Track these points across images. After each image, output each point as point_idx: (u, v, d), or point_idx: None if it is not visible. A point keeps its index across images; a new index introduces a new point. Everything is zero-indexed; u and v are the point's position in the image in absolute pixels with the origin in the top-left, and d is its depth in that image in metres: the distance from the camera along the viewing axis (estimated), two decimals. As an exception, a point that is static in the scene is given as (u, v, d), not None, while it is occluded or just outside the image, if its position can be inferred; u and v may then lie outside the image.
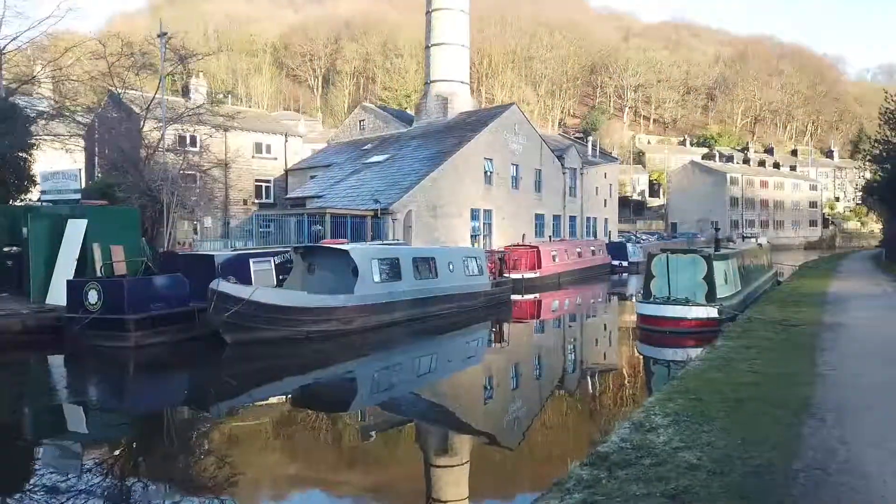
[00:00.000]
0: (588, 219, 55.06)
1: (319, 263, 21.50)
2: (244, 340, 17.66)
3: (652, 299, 21.31)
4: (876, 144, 39.43)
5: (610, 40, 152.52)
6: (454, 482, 10.04)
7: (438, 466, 10.59)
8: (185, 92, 53.46)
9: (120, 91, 31.17)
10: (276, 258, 21.57)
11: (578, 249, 44.13)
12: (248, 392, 15.36)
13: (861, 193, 56.78)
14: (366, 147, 46.62)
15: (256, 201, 51.16)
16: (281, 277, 21.46)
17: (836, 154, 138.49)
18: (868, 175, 47.14)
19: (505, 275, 31.21)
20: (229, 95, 75.14)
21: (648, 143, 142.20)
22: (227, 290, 17.10)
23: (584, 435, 12.00)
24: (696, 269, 21.23)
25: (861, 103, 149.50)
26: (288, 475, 10.32)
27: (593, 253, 46.26)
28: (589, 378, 17.14)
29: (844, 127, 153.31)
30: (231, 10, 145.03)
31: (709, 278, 21.07)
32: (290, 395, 15.17)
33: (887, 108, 36.95)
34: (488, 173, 41.59)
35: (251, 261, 20.73)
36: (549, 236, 46.86)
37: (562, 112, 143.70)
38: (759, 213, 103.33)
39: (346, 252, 20.35)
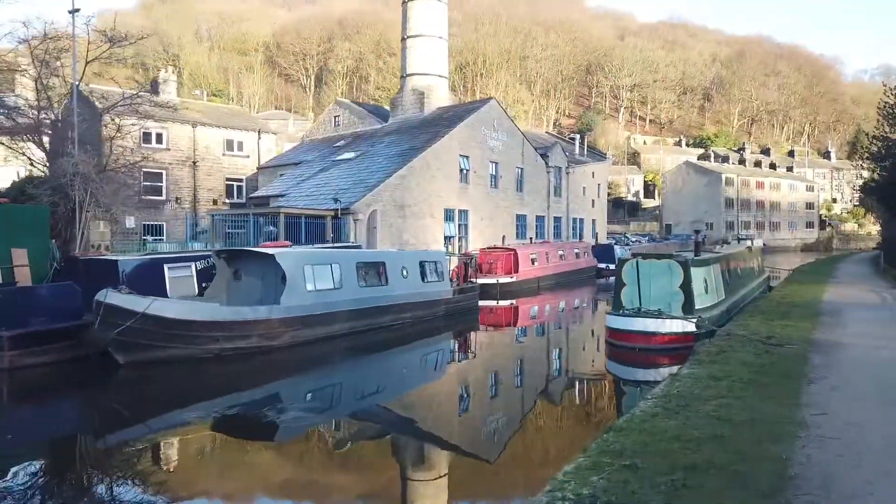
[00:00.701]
0: (574, 220, 52.42)
1: (246, 270, 18.87)
2: (141, 361, 15.04)
3: (621, 311, 18.67)
4: (874, 141, 36.77)
5: (605, 40, 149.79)
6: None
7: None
8: (154, 87, 50.82)
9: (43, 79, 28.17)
10: (198, 263, 18.91)
11: (561, 252, 41.49)
12: (143, 422, 12.82)
13: (859, 194, 54.07)
14: (338, 144, 44.01)
15: (228, 201, 48.55)
16: (204, 285, 18.82)
17: (833, 155, 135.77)
18: (865, 174, 44.44)
19: (472, 280, 28.48)
20: (203, 93, 72.31)
21: (644, 143, 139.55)
22: (117, 302, 14.48)
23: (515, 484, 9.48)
24: (671, 276, 18.61)
25: (858, 104, 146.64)
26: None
27: (577, 256, 43.61)
28: (540, 406, 14.50)
29: (842, 128, 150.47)
30: (224, 8, 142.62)
31: (686, 287, 18.44)
32: (190, 425, 12.55)
33: (886, 103, 34.29)
34: (464, 171, 38.96)
35: (166, 267, 18.10)
36: (531, 238, 44.23)
37: (557, 112, 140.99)
38: (754, 214, 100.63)
39: (271, 257, 17.70)
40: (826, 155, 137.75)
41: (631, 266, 19.06)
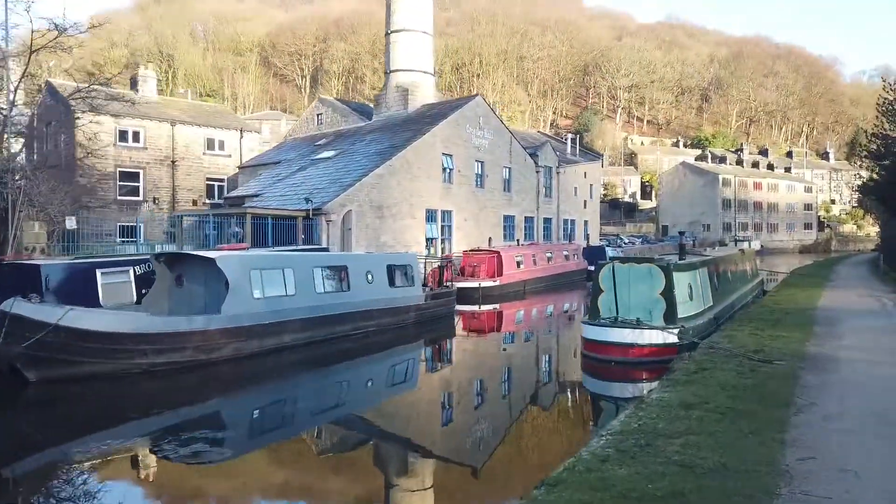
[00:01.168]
0: (565, 221, 50.75)
1: (189, 275, 17.21)
2: (55, 377, 13.40)
3: (597, 320, 17.00)
4: (873, 139, 35.12)
5: (603, 40, 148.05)
6: None
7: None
8: (133, 84, 49.24)
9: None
10: (137, 268, 17.25)
11: (549, 254, 39.83)
12: (51, 447, 11.23)
13: (858, 194, 52.38)
14: (319, 142, 42.35)
15: (208, 201, 46.91)
16: (144, 292, 17.16)
17: (831, 156, 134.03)
18: (864, 174, 42.73)
19: (448, 284, 26.78)
20: (188, 92, 70.68)
21: (642, 144, 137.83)
22: (24, 312, 12.85)
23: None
24: (651, 282, 16.94)
25: (857, 105, 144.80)
26: None
27: (567, 258, 41.94)
28: (504, 428, 12.83)
29: (840, 129, 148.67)
30: (219, 8, 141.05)
31: (668, 293, 16.78)
32: (104, 449, 10.89)
33: (886, 99, 32.63)
34: (447, 170, 37.29)
35: (99, 272, 16.44)
36: (518, 240, 42.56)
37: (554, 113, 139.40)
38: (752, 215, 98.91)
39: (212, 261, 16.03)
40: (824, 156, 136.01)
41: (608, 271, 17.39)
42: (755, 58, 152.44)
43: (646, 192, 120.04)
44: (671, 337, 16.15)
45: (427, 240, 35.82)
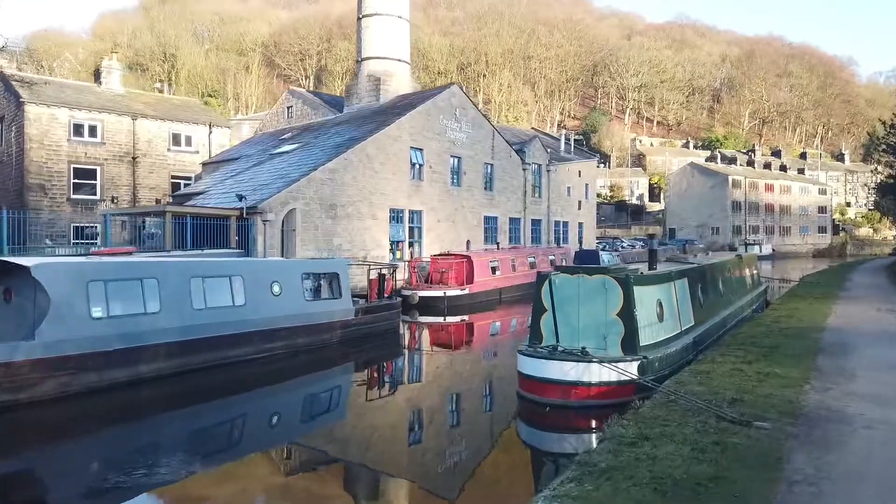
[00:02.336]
0: (557, 223, 46.60)
1: (18, 289, 13.34)
2: None
3: (535, 349, 12.97)
4: (892, 132, 30.71)
5: (612, 40, 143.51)
6: None
7: None
8: (97, 76, 45.75)
9: None
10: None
11: (531, 258, 35.76)
12: None
13: (875, 195, 47.79)
14: (284, 136, 38.57)
15: (172, 200, 43.27)
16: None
17: (847, 157, 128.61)
18: (882, 170, 38.26)
19: (393, 295, 22.72)
20: (164, 86, 67.19)
21: (651, 145, 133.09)
22: None
23: None
24: (606, 299, 12.90)
25: (873, 106, 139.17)
26: None
27: (552, 263, 37.73)
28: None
29: (856, 130, 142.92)
30: (223, 9, 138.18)
31: (626, 314, 12.73)
32: None
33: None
34: (416, 166, 33.35)
35: None
36: (498, 243, 38.48)
37: (561, 113, 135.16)
38: (763, 218, 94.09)
39: (26, 270, 12.17)
40: (839, 157, 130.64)
41: (554, 284, 13.37)
42: (768, 57, 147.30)
43: (654, 194, 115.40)
44: (631, 370, 12.12)
45: (392, 243, 31.89)
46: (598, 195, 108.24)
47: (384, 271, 22.33)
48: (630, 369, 12.13)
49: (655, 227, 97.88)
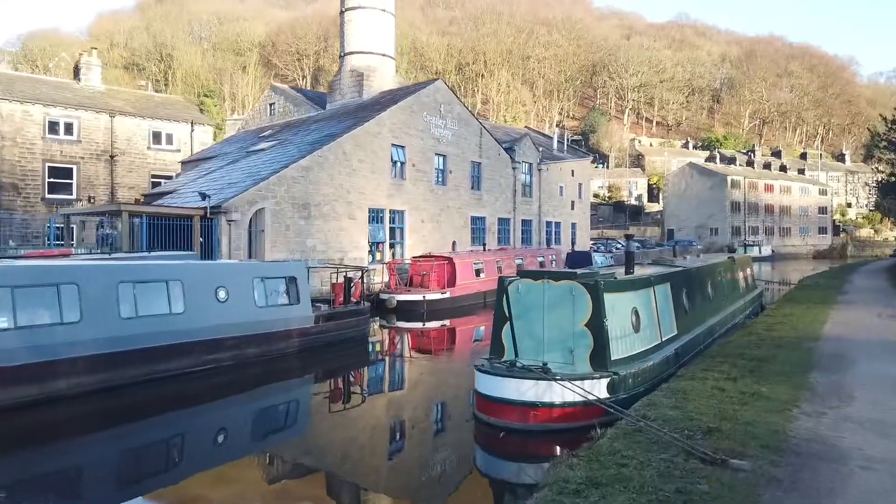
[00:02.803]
0: (549, 223, 45.08)
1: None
2: None
3: (492, 365, 11.47)
4: (893, 128, 29.16)
5: (611, 39, 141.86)
6: None
7: None
8: (76, 73, 44.33)
9: None
10: None
11: (519, 260, 34.24)
12: None
13: (876, 194, 46.16)
14: (264, 133, 37.12)
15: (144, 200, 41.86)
16: None
17: (847, 158, 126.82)
18: (882, 168, 36.66)
19: (362, 299, 21.18)
20: (148, 84, 65.83)
21: (650, 145, 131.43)
22: None
23: None
24: (573, 307, 11.42)
25: (874, 106, 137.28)
26: None
27: (542, 265, 36.25)
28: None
29: (857, 130, 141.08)
30: (220, 8, 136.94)
31: (596, 324, 11.24)
32: None
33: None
34: (398, 164, 31.88)
35: None
36: (485, 244, 36.97)
37: (560, 114, 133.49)
38: (763, 218, 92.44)
39: None
40: (840, 158, 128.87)
41: (515, 291, 11.89)
42: (768, 57, 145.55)
43: (653, 194, 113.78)
44: (599, 389, 10.64)
45: (371, 244, 30.41)
46: (597, 196, 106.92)
47: (351, 274, 20.84)
48: (597, 388, 10.66)
49: (654, 228, 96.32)
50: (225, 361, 15.37)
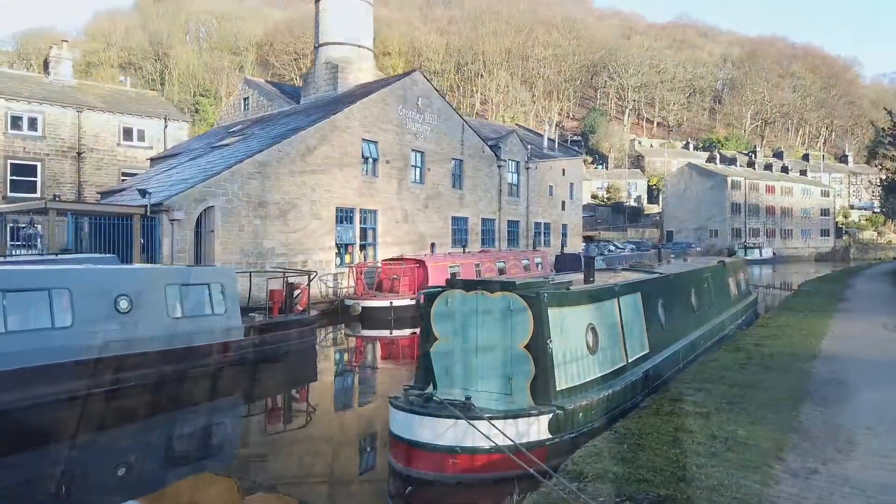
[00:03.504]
0: (537, 224, 42.83)
1: None
2: None
3: (406, 399, 9.26)
4: (900, 123, 26.86)
5: (611, 39, 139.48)
6: None
7: None
8: (46, 66, 42.30)
9: None
10: None
11: (500, 263, 32.02)
12: None
13: (879, 195, 43.75)
14: (234, 129, 35.01)
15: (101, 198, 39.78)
16: None
17: (850, 159, 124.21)
18: (889, 165, 34.30)
19: (302, 308, 18.92)
20: (128, 80, 63.71)
21: (651, 146, 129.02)
22: None
23: None
24: (511, 325, 9.20)
25: (878, 107, 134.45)
26: None
27: (527, 268, 34.06)
28: None
29: (860, 132, 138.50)
30: (217, 8, 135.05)
31: (538, 346, 9.02)
32: None
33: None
34: (370, 160, 29.70)
35: None
36: (465, 246, 34.75)
37: (559, 114, 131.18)
38: (764, 220, 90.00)
39: None
40: (843, 159, 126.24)
41: (440, 304, 9.70)
42: (770, 58, 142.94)
43: (652, 196, 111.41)
44: (534, 430, 8.43)
45: (339, 246, 28.23)
46: (595, 197, 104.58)
47: (294, 279, 18.65)
48: (535, 427, 8.46)
49: (653, 229, 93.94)
50: (129, 382, 13.19)
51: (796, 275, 53.11)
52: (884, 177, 36.21)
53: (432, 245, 32.98)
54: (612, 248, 58.84)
